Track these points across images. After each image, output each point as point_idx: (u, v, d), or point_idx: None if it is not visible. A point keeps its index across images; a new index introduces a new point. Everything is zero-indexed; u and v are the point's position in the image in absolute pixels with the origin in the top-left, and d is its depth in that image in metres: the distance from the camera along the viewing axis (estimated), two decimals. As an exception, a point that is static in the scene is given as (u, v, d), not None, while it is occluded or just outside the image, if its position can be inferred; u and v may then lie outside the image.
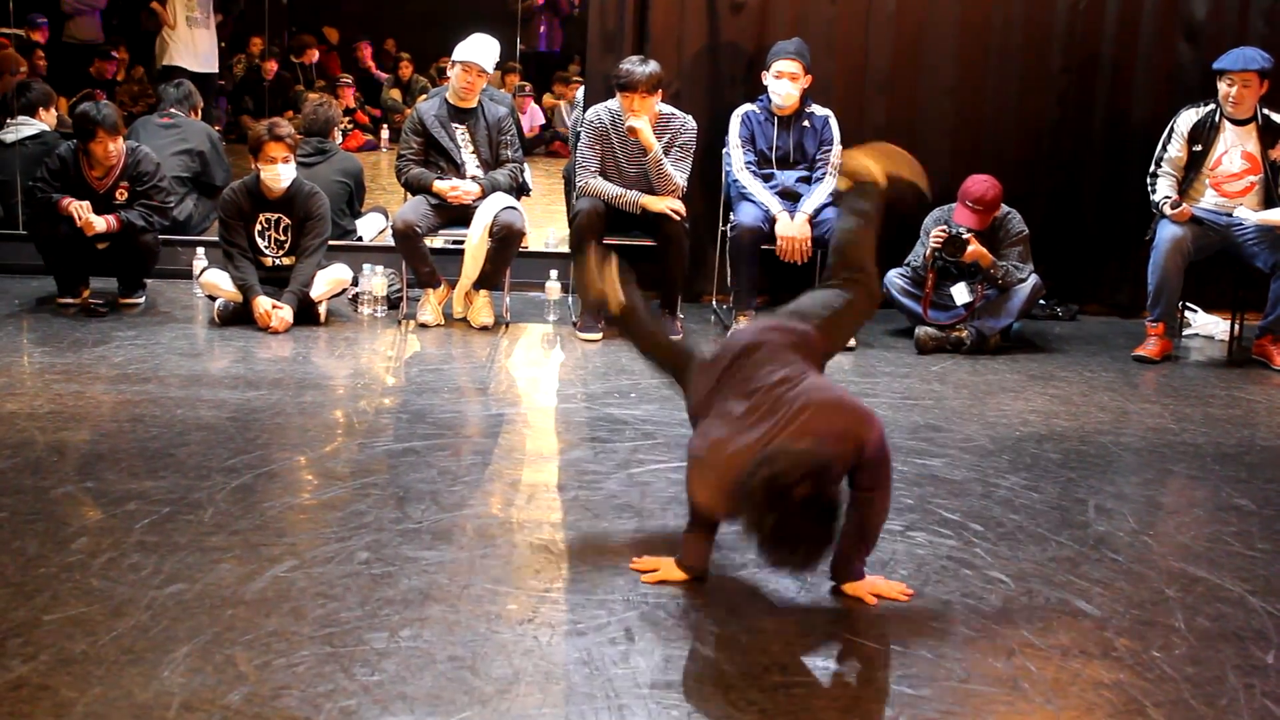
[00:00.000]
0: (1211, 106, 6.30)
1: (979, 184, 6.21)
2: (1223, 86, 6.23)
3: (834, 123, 6.47)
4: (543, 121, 13.18)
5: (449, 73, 6.65)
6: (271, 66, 13.11)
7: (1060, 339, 6.68)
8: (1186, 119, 6.33)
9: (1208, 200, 6.32)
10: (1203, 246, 6.26)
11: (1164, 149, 6.38)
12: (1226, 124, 6.27)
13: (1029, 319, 6.70)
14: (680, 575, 3.41)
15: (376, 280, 6.58)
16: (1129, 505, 4.26)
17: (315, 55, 13.79)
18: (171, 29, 10.24)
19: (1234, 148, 6.26)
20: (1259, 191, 6.27)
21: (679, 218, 6.24)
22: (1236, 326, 6.60)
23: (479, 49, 6.47)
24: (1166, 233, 6.23)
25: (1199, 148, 6.30)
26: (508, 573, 3.47)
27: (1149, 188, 6.39)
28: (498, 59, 6.69)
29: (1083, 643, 3.18)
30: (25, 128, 7.52)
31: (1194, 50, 7.01)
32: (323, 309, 6.36)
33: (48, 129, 7.62)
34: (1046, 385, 5.73)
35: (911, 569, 3.59)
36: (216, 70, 10.69)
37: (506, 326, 6.49)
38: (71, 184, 6.31)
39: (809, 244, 6.22)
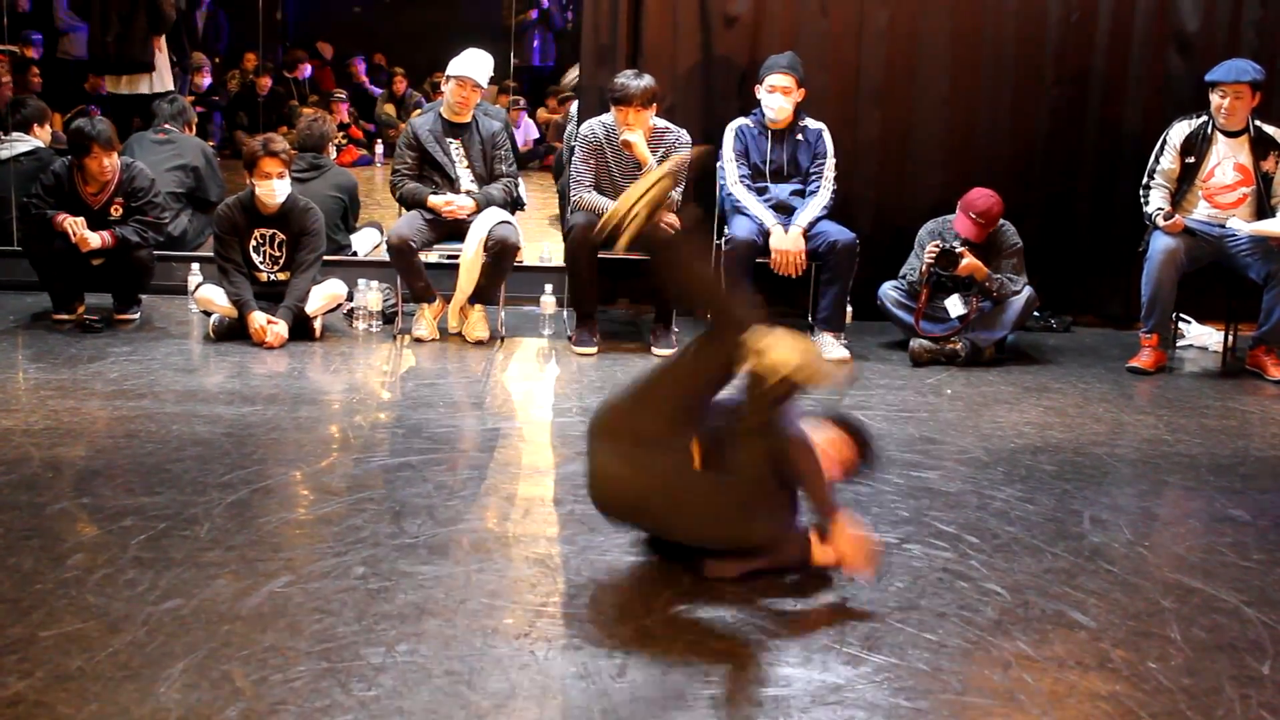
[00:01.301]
0: (1204, 118, 6.33)
1: (985, 198, 6.22)
2: (1215, 98, 6.25)
3: (827, 136, 6.48)
4: (536, 136, 13.19)
5: (443, 87, 6.66)
6: (265, 82, 13.12)
7: (1054, 351, 6.69)
8: (1179, 131, 6.35)
9: (1200, 211, 6.34)
10: (1196, 258, 6.28)
11: (1156, 161, 6.40)
12: (1219, 136, 6.30)
13: (1023, 331, 6.72)
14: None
15: (372, 295, 6.58)
16: (1124, 517, 4.26)
17: (307, 70, 13.80)
18: (161, 53, 10.25)
19: (1226, 159, 6.28)
20: (1251, 203, 6.29)
21: (673, 232, 6.25)
22: (1230, 337, 6.62)
23: (474, 64, 6.48)
24: (1160, 244, 6.24)
25: (1191, 159, 6.32)
26: (504, 587, 3.47)
27: (1142, 200, 6.41)
28: (492, 74, 6.71)
29: (1079, 654, 3.19)
30: (20, 144, 7.52)
31: (1185, 62, 7.04)
32: (318, 324, 6.37)
33: (42, 145, 7.63)
34: (1041, 397, 5.74)
35: (907, 581, 3.59)
36: (172, 87, 10.66)
37: (502, 341, 6.49)
38: (66, 200, 6.31)
39: (803, 257, 6.23)
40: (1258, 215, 6.28)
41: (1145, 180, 6.42)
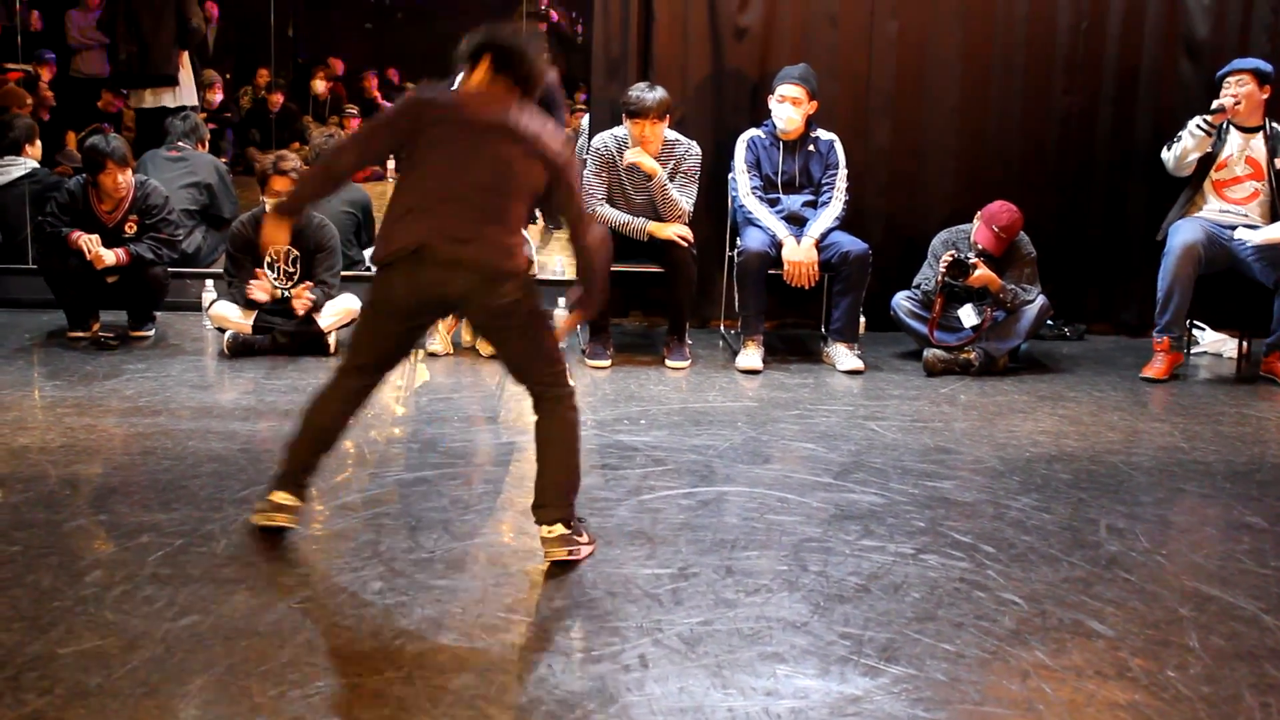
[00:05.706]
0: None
1: (1008, 212, 6.22)
2: (1223, 91, 6.30)
3: (839, 147, 6.49)
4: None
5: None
6: (278, 99, 13.17)
7: (1068, 359, 6.68)
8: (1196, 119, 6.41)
9: (1212, 208, 6.36)
10: (1212, 259, 6.27)
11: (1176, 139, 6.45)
12: (1234, 130, 6.32)
13: (1037, 339, 6.71)
14: None
15: (385, 310, 6.58)
16: (1141, 525, 4.25)
17: (321, 86, 13.83)
18: (185, 68, 10.27)
19: (1239, 153, 6.32)
20: (1263, 200, 6.30)
21: (686, 244, 6.26)
22: (1244, 344, 6.61)
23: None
24: (1178, 239, 6.26)
25: (1208, 150, 6.35)
26: (521, 601, 3.47)
27: (1171, 147, 6.40)
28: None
29: (1097, 663, 3.18)
30: (15, 169, 7.45)
31: (1196, 68, 7.04)
32: (332, 339, 6.38)
33: (36, 165, 7.56)
34: (1056, 406, 5.73)
35: (924, 592, 3.59)
36: (197, 103, 10.66)
37: (515, 354, 6.48)
38: (81, 217, 6.35)
39: (816, 268, 6.23)
40: (1271, 213, 6.29)
41: (1168, 144, 6.46)
